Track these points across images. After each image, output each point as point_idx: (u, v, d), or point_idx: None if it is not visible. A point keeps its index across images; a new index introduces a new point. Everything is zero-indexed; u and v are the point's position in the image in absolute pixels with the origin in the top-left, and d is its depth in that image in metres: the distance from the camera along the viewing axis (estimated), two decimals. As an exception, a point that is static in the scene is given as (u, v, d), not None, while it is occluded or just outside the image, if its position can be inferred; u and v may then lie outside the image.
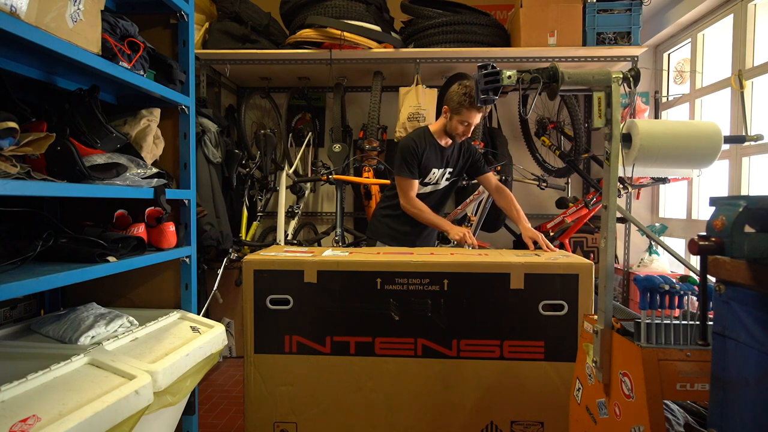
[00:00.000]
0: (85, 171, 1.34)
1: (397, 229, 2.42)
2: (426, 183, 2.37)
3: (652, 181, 3.15)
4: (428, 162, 2.33)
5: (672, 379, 1.07)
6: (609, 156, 1.26)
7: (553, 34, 3.01)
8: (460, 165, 2.41)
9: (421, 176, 2.34)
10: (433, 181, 2.37)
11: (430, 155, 2.32)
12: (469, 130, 2.25)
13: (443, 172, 2.38)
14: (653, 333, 1.12)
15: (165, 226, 1.74)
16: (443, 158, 2.36)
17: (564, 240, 3.18)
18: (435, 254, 1.84)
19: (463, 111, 2.20)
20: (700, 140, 1.43)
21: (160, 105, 1.84)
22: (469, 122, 2.22)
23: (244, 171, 3.32)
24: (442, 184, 2.40)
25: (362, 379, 1.73)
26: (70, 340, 1.43)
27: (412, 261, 1.71)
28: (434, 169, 2.35)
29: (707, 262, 0.86)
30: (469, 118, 2.21)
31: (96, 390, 1.18)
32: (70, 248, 1.44)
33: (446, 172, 2.39)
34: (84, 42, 1.33)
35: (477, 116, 2.22)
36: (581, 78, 1.30)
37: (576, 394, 1.41)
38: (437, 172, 2.36)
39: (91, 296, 1.83)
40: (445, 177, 2.39)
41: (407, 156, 2.29)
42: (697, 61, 3.15)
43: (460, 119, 2.23)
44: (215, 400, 2.64)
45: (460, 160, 2.40)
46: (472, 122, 2.23)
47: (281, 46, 3.25)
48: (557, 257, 1.79)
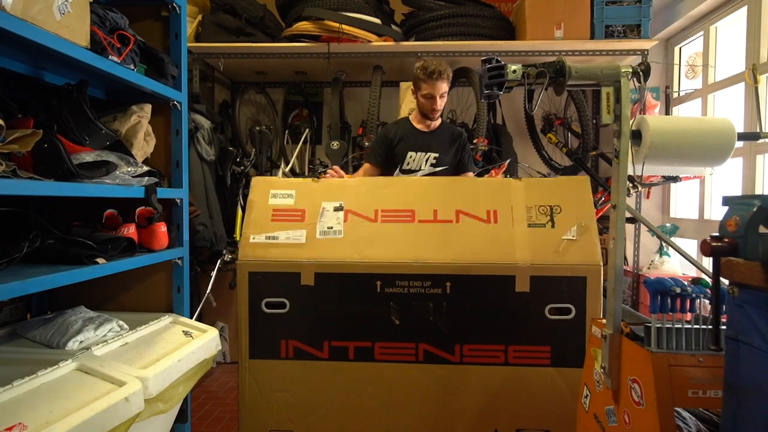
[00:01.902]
0: (74, 169, 1.34)
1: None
2: (406, 170, 2.37)
3: (662, 179, 3.15)
4: (404, 146, 2.35)
5: (683, 385, 1.07)
6: (618, 153, 1.26)
7: (559, 27, 3.01)
8: (450, 154, 2.39)
9: (399, 162, 2.37)
10: (413, 167, 2.36)
11: (407, 140, 2.36)
12: (435, 102, 2.26)
13: (425, 156, 2.36)
14: (664, 338, 1.12)
15: (156, 226, 1.74)
16: (423, 142, 2.36)
17: (571, 241, 3.18)
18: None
19: (422, 85, 2.25)
20: (713, 137, 1.42)
21: (152, 100, 1.84)
22: (431, 94, 2.24)
23: (238, 169, 3.32)
24: (425, 169, 2.36)
25: (361, 385, 1.73)
26: (57, 345, 1.43)
27: (414, 263, 1.71)
28: (410, 152, 2.36)
29: (720, 264, 0.86)
30: (429, 90, 2.24)
31: (84, 397, 1.18)
32: (57, 249, 1.44)
33: (429, 156, 2.36)
34: (72, 35, 1.33)
35: (437, 85, 2.23)
36: (589, 72, 1.30)
37: (584, 401, 1.41)
38: (415, 156, 2.35)
39: (80, 299, 1.83)
40: (428, 162, 2.36)
41: (377, 142, 2.43)
42: (709, 55, 3.15)
43: (422, 94, 2.27)
44: (208, 407, 2.64)
45: (450, 148, 2.39)
46: (434, 93, 2.24)
47: (277, 39, 3.24)
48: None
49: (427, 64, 2.24)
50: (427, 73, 2.22)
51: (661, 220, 3.62)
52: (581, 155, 3.34)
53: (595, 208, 3.06)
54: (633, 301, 3.42)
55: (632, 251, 3.51)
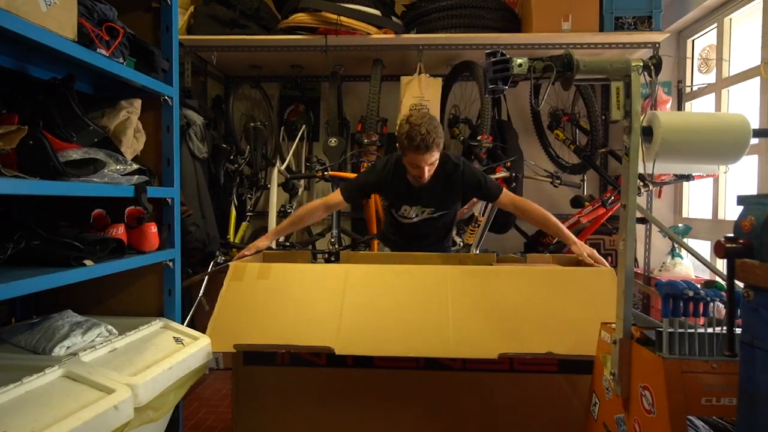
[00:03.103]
0: (60, 167, 1.34)
1: (391, 239, 2.44)
2: (405, 216, 2.27)
3: (675, 178, 3.15)
4: (396, 197, 2.25)
5: (696, 392, 1.07)
6: (628, 151, 1.26)
7: (567, 19, 3.01)
8: (447, 202, 2.24)
9: (395, 209, 2.29)
10: (412, 215, 2.26)
11: (398, 191, 2.20)
12: (421, 172, 2.02)
13: (420, 209, 2.23)
14: (676, 343, 1.13)
15: (146, 227, 1.74)
16: (416, 197, 2.19)
17: (579, 242, 3.18)
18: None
19: (407, 153, 2.01)
20: (727, 134, 1.43)
21: (142, 95, 1.84)
22: (416, 164, 2.00)
23: (232, 167, 3.32)
24: (423, 216, 2.25)
25: (360, 392, 1.73)
26: (43, 351, 1.43)
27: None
28: (404, 205, 2.24)
29: (735, 266, 0.86)
30: (415, 161, 1.99)
31: (71, 405, 1.18)
32: (43, 251, 1.44)
33: (425, 210, 2.23)
34: (58, 27, 1.33)
35: (424, 157, 1.97)
36: (598, 66, 1.30)
37: (592, 409, 1.41)
38: (410, 209, 2.24)
39: (67, 303, 1.82)
40: (426, 213, 2.24)
41: (361, 184, 2.26)
42: (723, 48, 3.15)
43: (407, 161, 2.05)
44: (201, 415, 2.64)
45: (449, 195, 2.21)
46: (421, 164, 1.99)
47: (273, 31, 3.24)
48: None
49: (412, 132, 1.93)
50: (413, 145, 1.94)
51: (673, 220, 3.62)
52: (590, 153, 3.34)
53: (604, 207, 3.07)
54: (644, 304, 3.42)
55: (643, 253, 3.51)
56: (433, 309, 1.67)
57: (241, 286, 1.79)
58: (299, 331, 1.64)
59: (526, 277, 1.78)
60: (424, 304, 1.69)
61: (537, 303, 1.68)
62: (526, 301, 1.69)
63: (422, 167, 2.01)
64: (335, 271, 1.85)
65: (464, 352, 1.58)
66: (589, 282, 1.76)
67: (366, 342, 1.59)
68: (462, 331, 1.61)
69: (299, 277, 1.84)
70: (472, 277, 1.78)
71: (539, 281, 1.76)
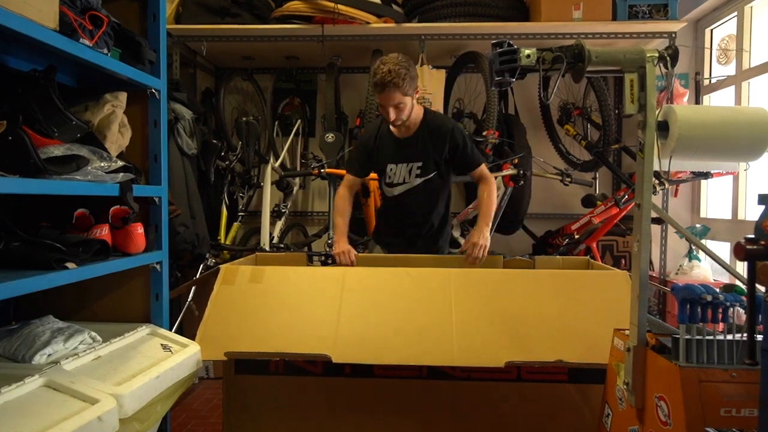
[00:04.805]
0: (41, 164, 1.34)
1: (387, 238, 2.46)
2: (392, 183, 2.30)
3: (692, 176, 3.15)
4: (382, 157, 2.29)
5: (715, 403, 1.07)
6: (643, 147, 1.26)
7: (578, 7, 3.01)
8: (438, 159, 2.25)
9: (381, 176, 2.33)
10: (398, 180, 2.28)
11: (384, 149, 2.29)
12: (385, 112, 2.13)
13: (407, 167, 2.26)
14: (693, 350, 1.13)
15: (132, 227, 1.74)
16: (402, 151, 2.26)
17: (591, 243, 3.18)
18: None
19: (375, 93, 2.15)
20: (748, 129, 1.42)
21: (127, 88, 1.84)
22: (381, 104, 2.13)
23: (223, 164, 3.32)
24: (414, 182, 2.27)
25: (358, 403, 1.73)
26: (23, 359, 1.43)
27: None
28: (390, 164, 2.28)
29: (756, 269, 0.86)
30: (379, 100, 2.14)
31: (53, 416, 1.17)
32: (23, 253, 1.44)
33: (412, 167, 2.25)
34: (39, 16, 1.33)
35: (385, 96, 2.08)
36: (611, 57, 1.30)
37: (605, 421, 1.41)
38: (396, 169, 2.27)
39: (48, 308, 1.82)
40: (412, 174, 2.26)
41: (356, 151, 2.43)
42: (744, 38, 3.15)
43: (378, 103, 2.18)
44: (190, 427, 2.64)
45: (436, 152, 2.24)
46: (383, 103, 2.11)
47: (266, 20, 3.24)
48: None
49: (377, 70, 2.08)
50: (374, 82, 2.09)
51: (690, 220, 3.63)
52: (602, 149, 3.34)
53: (617, 207, 3.08)
54: (660, 309, 3.42)
55: (659, 255, 3.51)
56: (437, 315, 1.68)
57: (233, 290, 1.80)
58: (294, 338, 1.64)
59: (534, 281, 1.78)
60: (426, 310, 1.69)
61: (546, 308, 1.69)
62: (534, 306, 1.69)
63: (385, 107, 2.12)
64: (332, 274, 1.86)
65: (469, 361, 1.58)
66: (602, 286, 1.76)
67: (365, 349, 1.60)
68: (467, 338, 1.61)
69: (294, 280, 1.84)
70: (477, 281, 1.78)
71: (548, 285, 1.76)
